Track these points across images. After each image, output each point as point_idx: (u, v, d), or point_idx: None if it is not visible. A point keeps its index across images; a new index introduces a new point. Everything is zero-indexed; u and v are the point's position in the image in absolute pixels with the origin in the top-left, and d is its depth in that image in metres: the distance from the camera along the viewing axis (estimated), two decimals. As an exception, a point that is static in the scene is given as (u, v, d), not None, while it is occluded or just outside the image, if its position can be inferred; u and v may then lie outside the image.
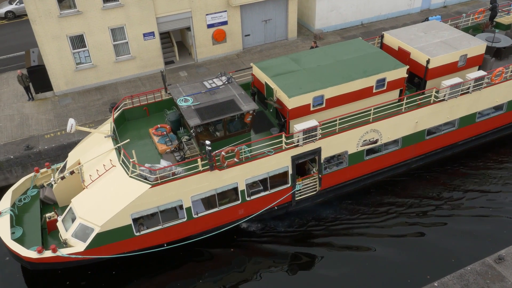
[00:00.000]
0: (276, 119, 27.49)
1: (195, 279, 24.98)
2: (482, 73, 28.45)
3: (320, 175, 27.23)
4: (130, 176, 23.49)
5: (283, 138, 25.03)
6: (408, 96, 28.07)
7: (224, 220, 25.98)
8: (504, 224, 27.11)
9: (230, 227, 26.22)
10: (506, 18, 36.23)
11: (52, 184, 26.68)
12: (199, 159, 23.72)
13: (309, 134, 25.22)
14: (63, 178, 25.07)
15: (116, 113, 27.30)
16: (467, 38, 29.64)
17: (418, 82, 29.27)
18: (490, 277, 21.46)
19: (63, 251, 23.17)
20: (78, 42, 35.84)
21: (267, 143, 25.50)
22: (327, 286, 24.30)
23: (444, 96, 27.95)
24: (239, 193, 25.45)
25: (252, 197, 25.90)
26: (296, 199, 27.45)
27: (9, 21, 53.67)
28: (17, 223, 24.96)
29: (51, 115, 34.67)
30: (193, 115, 24.23)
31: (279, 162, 25.54)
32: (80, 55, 36.38)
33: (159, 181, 23.29)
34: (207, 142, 22.70)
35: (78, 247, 23.37)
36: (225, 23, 40.05)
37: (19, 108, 35.57)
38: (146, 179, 23.46)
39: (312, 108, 26.20)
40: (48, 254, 23.11)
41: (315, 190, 27.79)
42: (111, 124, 26.29)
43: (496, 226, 27.01)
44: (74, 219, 23.78)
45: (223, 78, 26.74)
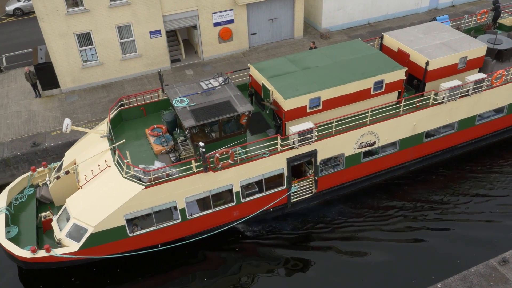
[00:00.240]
0: (273, 121, 26.66)
1: (189, 280, 24.36)
2: (481, 75, 27.31)
3: (316, 177, 26.36)
4: (124, 177, 22.91)
5: (278, 140, 24.24)
6: (406, 99, 27.05)
7: (219, 221, 25.27)
8: (504, 228, 26.09)
9: (225, 229, 25.51)
10: (509, 19, 34.72)
11: (48, 184, 26.13)
12: (193, 161, 23.03)
13: (304, 136, 24.40)
14: (58, 178, 24.57)
15: (112, 113, 26.67)
16: (467, 40, 28.41)
17: (417, 84, 28.18)
18: (494, 279, 20.71)
19: (57, 251, 22.69)
20: (85, 39, 35.29)
21: (263, 145, 24.71)
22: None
23: (443, 98, 26.87)
24: (234, 194, 24.71)
25: (247, 198, 25.14)
26: (292, 201, 26.62)
27: (17, 18, 53.14)
28: (12, 222, 24.45)
29: (58, 112, 34.17)
30: (188, 116, 23.51)
31: (274, 164, 24.75)
32: (87, 53, 35.85)
33: (153, 182, 22.68)
34: (201, 143, 22.03)
35: (72, 247, 22.88)
36: (231, 21, 39.16)
37: (26, 105, 35.12)
38: (140, 180, 22.87)
39: (308, 110, 25.34)
40: (41, 254, 22.61)
41: (311, 192, 26.92)
42: (107, 124, 25.67)
43: (496, 230, 25.97)
44: (68, 219, 23.27)
45: (219, 79, 25.94)
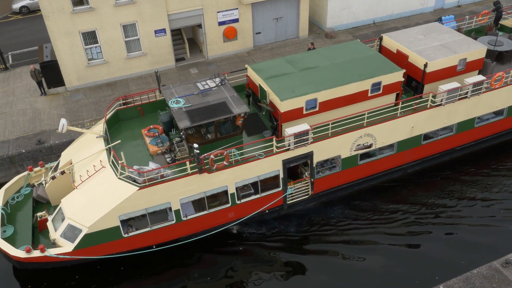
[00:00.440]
0: (270, 122, 25.93)
1: (183, 281, 23.85)
2: (481, 77, 26.30)
3: (313, 179, 25.63)
4: (119, 178, 22.40)
5: (274, 142, 23.58)
6: (404, 101, 26.20)
7: (214, 223, 24.68)
8: (507, 231, 25.36)
9: (220, 230, 24.93)
10: (510, 21, 33.45)
11: (43, 184, 25.70)
12: (188, 162, 22.44)
13: (300, 138, 23.70)
14: (53, 178, 24.11)
15: (109, 113, 26.13)
16: (467, 42, 27.38)
17: (415, 86, 27.26)
18: (496, 281, 20.04)
19: (51, 251, 22.29)
20: (90, 38, 34.84)
21: (259, 146, 24.04)
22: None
23: (441, 101, 25.95)
24: (229, 196, 24.09)
25: (243, 200, 24.51)
26: (288, 202, 25.97)
27: (23, 16, 52.58)
28: (9, 222, 24.04)
29: (63, 110, 33.78)
30: (183, 117, 22.90)
31: (270, 166, 24.10)
32: (92, 51, 35.39)
33: (147, 183, 22.14)
34: (195, 145, 21.48)
35: (66, 247, 22.46)
36: (236, 20, 38.43)
37: (31, 103, 34.76)
38: (134, 181, 22.34)
39: (305, 112, 24.63)
40: (36, 254, 22.21)
41: (307, 194, 26.21)
42: (103, 124, 25.14)
43: (498, 232, 25.25)
44: (63, 219, 22.83)
45: (216, 79, 25.27)
